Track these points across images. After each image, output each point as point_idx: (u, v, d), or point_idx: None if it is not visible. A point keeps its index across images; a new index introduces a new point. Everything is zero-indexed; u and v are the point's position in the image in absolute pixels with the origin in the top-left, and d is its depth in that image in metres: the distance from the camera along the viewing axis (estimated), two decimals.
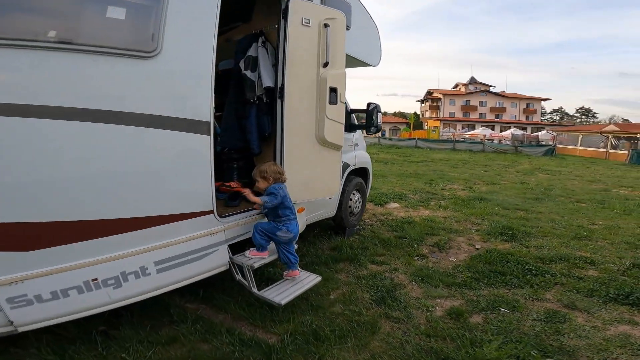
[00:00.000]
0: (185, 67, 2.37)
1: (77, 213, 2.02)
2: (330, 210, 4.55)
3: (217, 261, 2.76)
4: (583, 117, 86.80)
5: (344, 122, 3.45)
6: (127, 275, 2.24)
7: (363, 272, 3.91)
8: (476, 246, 4.86)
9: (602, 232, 5.64)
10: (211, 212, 2.62)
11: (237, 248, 3.08)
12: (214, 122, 4.05)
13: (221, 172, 3.37)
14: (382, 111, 4.83)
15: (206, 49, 2.46)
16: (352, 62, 4.48)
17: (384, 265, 4.15)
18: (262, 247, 2.98)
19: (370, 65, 4.98)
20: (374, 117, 4.33)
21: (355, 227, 5.19)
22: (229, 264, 2.88)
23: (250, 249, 3.01)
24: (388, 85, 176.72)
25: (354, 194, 5.02)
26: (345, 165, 4.63)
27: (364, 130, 4.98)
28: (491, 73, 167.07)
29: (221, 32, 4.14)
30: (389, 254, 4.49)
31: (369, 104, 4.38)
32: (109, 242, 2.14)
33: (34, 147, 1.87)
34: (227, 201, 3.26)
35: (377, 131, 4.39)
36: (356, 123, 4.93)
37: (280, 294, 2.91)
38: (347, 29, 3.59)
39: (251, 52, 3.28)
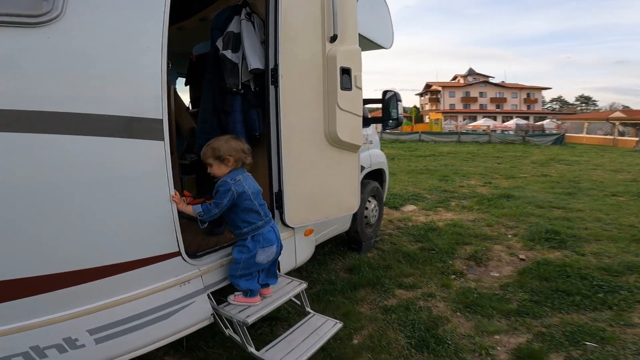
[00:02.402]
0: (111, 39, 1.53)
1: None
2: (343, 225, 3.73)
3: (194, 317, 1.94)
4: (583, 105, 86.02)
5: (361, 113, 2.63)
6: (44, 350, 1.47)
7: (391, 302, 3.12)
8: (520, 256, 4.09)
9: None
10: (176, 253, 1.79)
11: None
12: (192, 122, 3.28)
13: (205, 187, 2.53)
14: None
15: (147, 10, 1.63)
16: (362, 43, 3.66)
17: (415, 289, 3.35)
18: (251, 291, 2.14)
19: (383, 48, 4.16)
20: (391, 109, 3.51)
21: (372, 240, 4.37)
22: (214, 317, 2.06)
23: (235, 293, 2.17)
24: (385, 79, 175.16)
25: (369, 201, 4.20)
26: (360, 168, 3.80)
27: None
28: (489, 64, 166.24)
29: (195, 10, 3.36)
30: (418, 273, 3.68)
31: (385, 92, 3.56)
32: (4, 311, 1.36)
33: None
34: (209, 229, 2.43)
35: (398, 125, 3.57)
36: (368, 116, 4.11)
37: (290, 352, 2.09)
38: None
39: (232, 27, 2.44)
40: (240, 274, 2.08)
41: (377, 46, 4.10)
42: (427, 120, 51.60)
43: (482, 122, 38.62)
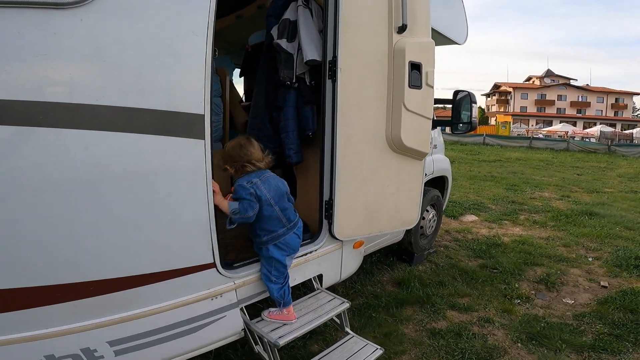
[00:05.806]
0: (149, 23, 1.37)
1: None
2: (396, 235, 3.43)
3: (223, 332, 1.81)
4: None
5: (431, 116, 2.31)
6: None
7: (440, 325, 2.81)
8: (601, 283, 3.57)
9: None
10: (211, 265, 1.65)
11: None
12: (246, 115, 3.14)
13: None
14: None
15: None
16: (433, 37, 3.29)
17: (470, 312, 3.00)
18: (283, 300, 1.95)
19: (456, 43, 3.74)
20: (463, 111, 3.10)
21: (425, 252, 4.00)
22: (244, 332, 1.91)
23: (270, 309, 2.01)
24: (450, 79, 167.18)
25: (427, 210, 3.84)
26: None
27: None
28: (570, 66, 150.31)
29: None
30: (476, 293, 3.30)
31: (456, 92, 3.16)
32: (18, 319, 1.29)
33: None
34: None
35: (471, 129, 3.15)
36: (434, 117, 3.72)
37: None
38: None
39: (288, 14, 2.25)
40: (274, 273, 1.94)
41: (449, 41, 3.69)
42: (492, 122, 48.33)
43: (559, 127, 35.14)
